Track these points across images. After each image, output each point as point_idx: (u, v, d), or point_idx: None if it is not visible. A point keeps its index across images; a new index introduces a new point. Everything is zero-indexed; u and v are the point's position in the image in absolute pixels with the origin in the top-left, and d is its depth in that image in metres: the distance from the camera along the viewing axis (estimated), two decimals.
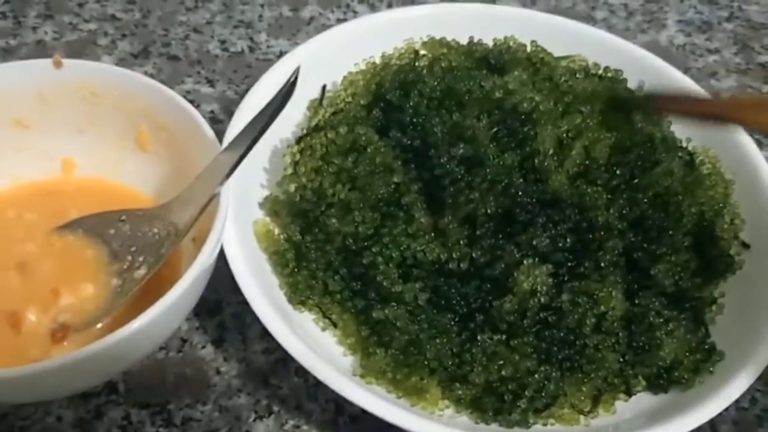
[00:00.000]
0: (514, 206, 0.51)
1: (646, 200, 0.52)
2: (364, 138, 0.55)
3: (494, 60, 0.59)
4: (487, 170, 0.51)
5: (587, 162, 0.54)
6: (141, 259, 0.51)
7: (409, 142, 0.54)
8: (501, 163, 0.52)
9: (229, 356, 0.54)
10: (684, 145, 0.59)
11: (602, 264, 0.50)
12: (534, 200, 0.51)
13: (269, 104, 0.50)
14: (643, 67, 0.66)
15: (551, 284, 0.49)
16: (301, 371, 0.53)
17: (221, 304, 0.57)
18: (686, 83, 0.65)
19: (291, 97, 0.50)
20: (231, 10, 0.82)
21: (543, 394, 0.47)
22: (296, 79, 0.50)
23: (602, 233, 0.51)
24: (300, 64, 0.53)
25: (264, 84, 0.61)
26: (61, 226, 0.53)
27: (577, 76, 0.59)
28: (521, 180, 0.52)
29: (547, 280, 0.49)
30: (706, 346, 0.51)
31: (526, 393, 0.47)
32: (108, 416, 0.51)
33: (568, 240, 0.50)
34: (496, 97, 0.54)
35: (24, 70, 0.55)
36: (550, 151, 0.52)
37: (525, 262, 0.49)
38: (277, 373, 0.53)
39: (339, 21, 0.82)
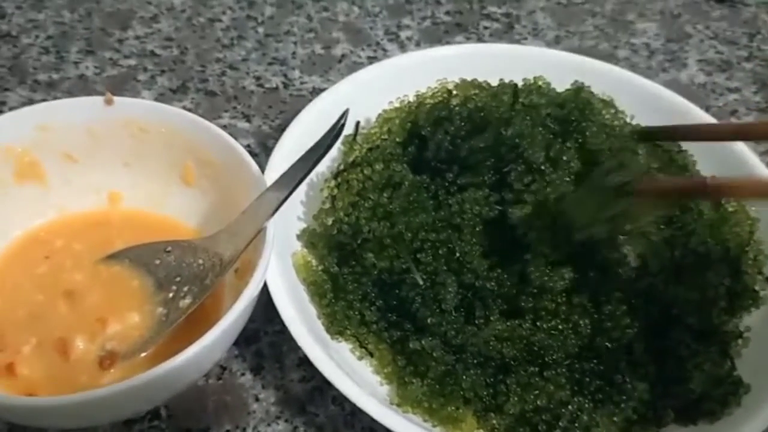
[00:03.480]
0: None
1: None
2: (399, 175, 0.57)
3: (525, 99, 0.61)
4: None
5: None
6: (186, 289, 0.52)
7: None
8: None
9: (267, 384, 0.56)
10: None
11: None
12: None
13: (317, 144, 0.52)
14: (664, 105, 0.68)
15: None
16: (338, 399, 0.55)
17: (258, 333, 0.58)
18: (707, 120, 0.67)
19: (339, 138, 0.52)
20: (265, 48, 0.84)
21: (576, 425, 0.48)
22: (345, 121, 0.52)
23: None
24: (348, 108, 0.54)
25: (302, 120, 0.63)
26: (107, 256, 0.55)
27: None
28: None
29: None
30: (733, 379, 0.52)
31: (560, 423, 0.48)
32: None
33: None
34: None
35: (75, 107, 0.57)
36: None
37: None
38: (314, 401, 0.55)
39: (369, 58, 0.84)
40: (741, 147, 0.65)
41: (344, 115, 0.53)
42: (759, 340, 0.55)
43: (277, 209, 0.50)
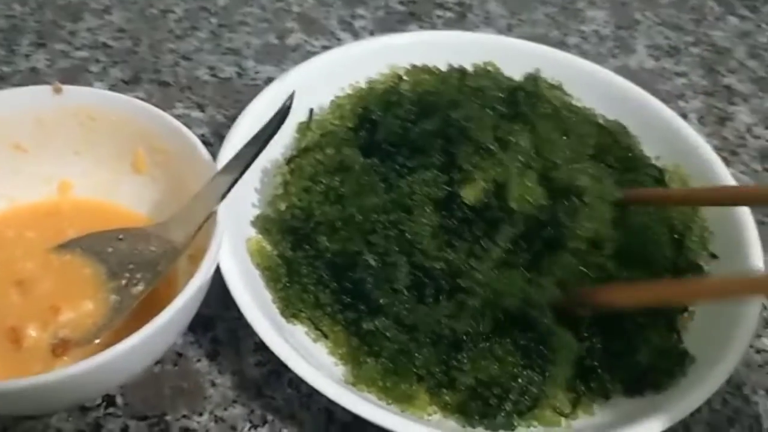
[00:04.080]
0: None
1: None
2: (350, 158, 0.57)
3: (474, 84, 0.62)
4: None
5: None
6: (139, 276, 0.52)
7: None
8: None
9: (223, 369, 0.56)
10: (654, 162, 0.62)
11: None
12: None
13: (265, 127, 0.52)
14: (613, 90, 0.70)
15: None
16: (294, 382, 0.55)
17: (214, 319, 0.59)
18: (655, 104, 0.69)
19: (285, 121, 0.53)
20: (219, 38, 0.84)
21: (526, 397, 0.49)
22: (291, 103, 0.53)
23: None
24: (294, 90, 0.55)
25: (254, 108, 0.63)
26: (59, 245, 0.55)
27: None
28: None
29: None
30: (679, 351, 0.54)
31: (510, 396, 0.49)
32: (107, 428, 0.52)
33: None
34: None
35: (23, 97, 0.57)
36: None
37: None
38: (271, 385, 0.55)
39: (323, 48, 0.85)
40: (686, 128, 0.66)
41: (291, 97, 0.53)
42: (703, 314, 0.56)
43: (227, 192, 0.50)
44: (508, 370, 0.50)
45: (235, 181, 0.50)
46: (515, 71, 0.65)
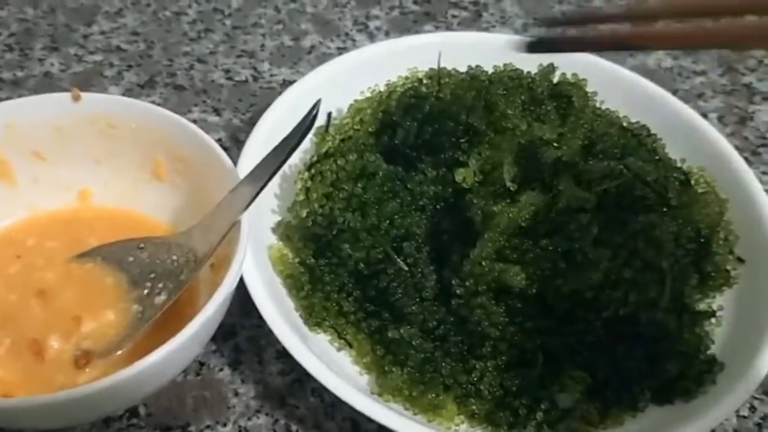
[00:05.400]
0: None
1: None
2: (372, 165, 0.57)
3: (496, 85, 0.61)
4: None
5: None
6: (161, 285, 0.52)
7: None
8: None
9: (246, 378, 0.56)
10: (679, 165, 0.61)
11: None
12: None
13: (289, 136, 0.51)
14: (635, 91, 0.69)
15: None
16: (318, 391, 0.55)
17: (235, 327, 0.58)
18: (676, 105, 0.68)
19: (311, 130, 0.52)
20: (233, 41, 0.84)
21: (554, 408, 0.49)
22: (317, 112, 0.52)
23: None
24: (320, 98, 0.54)
25: (272, 113, 0.63)
26: (80, 254, 0.55)
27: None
28: None
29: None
30: (708, 359, 0.53)
31: (542, 406, 0.48)
32: None
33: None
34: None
35: (42, 105, 0.56)
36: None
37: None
38: (294, 394, 0.55)
39: (339, 49, 0.84)
40: (711, 131, 0.66)
41: (316, 105, 0.52)
42: (732, 319, 0.56)
43: (251, 202, 0.50)
44: (536, 379, 0.50)
45: (259, 191, 0.50)
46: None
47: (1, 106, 0.56)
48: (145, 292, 0.52)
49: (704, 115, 0.78)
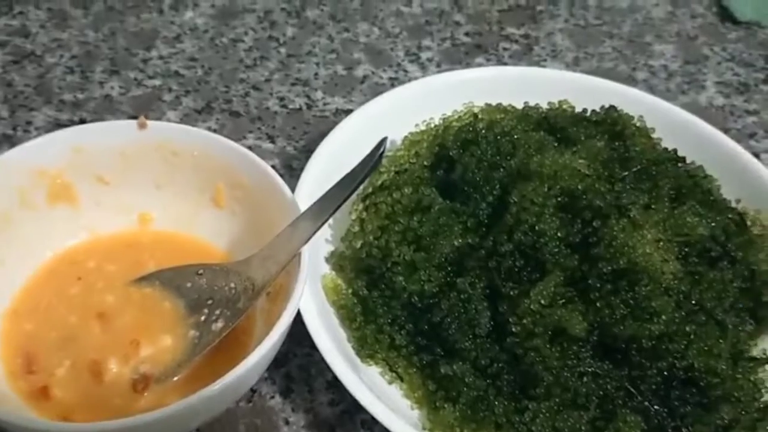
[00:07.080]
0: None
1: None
2: (428, 198, 0.57)
3: (553, 122, 0.62)
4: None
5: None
6: (218, 312, 0.53)
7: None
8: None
9: (296, 407, 0.56)
10: (734, 206, 0.61)
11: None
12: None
13: (354, 172, 0.52)
14: (689, 130, 0.69)
15: None
16: (367, 423, 0.55)
17: (288, 355, 0.59)
18: (728, 145, 0.68)
19: (378, 167, 0.52)
20: (288, 69, 0.85)
21: None
22: (384, 150, 0.53)
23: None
24: (387, 136, 0.55)
25: (329, 143, 0.64)
26: (138, 278, 0.56)
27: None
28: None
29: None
30: (762, 406, 0.53)
31: None
32: None
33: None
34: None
35: (109, 131, 0.58)
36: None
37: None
38: (344, 425, 0.55)
39: (391, 80, 0.85)
40: (765, 172, 0.65)
41: (383, 143, 0.53)
42: None
43: (312, 235, 0.50)
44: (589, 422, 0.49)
45: (321, 225, 0.50)
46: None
47: (70, 131, 0.57)
48: (203, 318, 0.53)
49: (756, 155, 0.78)
